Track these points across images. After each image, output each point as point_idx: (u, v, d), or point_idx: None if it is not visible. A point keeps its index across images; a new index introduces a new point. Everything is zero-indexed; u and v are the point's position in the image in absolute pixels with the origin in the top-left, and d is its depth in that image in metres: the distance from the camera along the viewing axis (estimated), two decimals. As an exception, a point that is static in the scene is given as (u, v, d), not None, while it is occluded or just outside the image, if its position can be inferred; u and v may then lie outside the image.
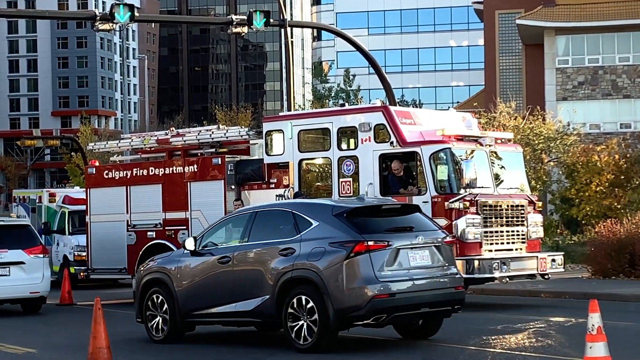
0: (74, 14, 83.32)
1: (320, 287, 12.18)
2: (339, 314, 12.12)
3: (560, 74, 50.89)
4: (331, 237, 12.32)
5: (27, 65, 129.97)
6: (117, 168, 22.78)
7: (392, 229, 12.57)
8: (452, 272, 12.93)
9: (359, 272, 12.03)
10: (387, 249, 12.21)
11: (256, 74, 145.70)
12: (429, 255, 12.65)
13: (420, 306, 12.53)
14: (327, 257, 12.23)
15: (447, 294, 12.77)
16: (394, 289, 12.13)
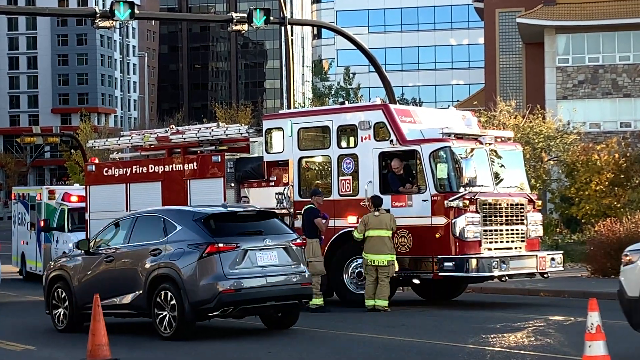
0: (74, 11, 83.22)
1: (179, 283, 13.95)
2: (193, 306, 13.90)
3: (560, 73, 50.87)
4: (190, 239, 14.11)
5: (27, 63, 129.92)
6: (116, 165, 22.77)
7: (243, 233, 14.33)
8: (300, 270, 14.59)
9: (210, 270, 13.82)
10: (236, 250, 13.95)
11: (256, 71, 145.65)
12: (277, 256, 14.36)
13: (267, 300, 14.26)
14: (185, 257, 14.00)
15: (293, 290, 14.43)
16: (241, 285, 13.84)
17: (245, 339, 14.72)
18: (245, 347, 13.78)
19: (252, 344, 14.11)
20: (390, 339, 13.99)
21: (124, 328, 16.22)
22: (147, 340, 14.84)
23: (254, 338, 14.77)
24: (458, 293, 20.16)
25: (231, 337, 14.88)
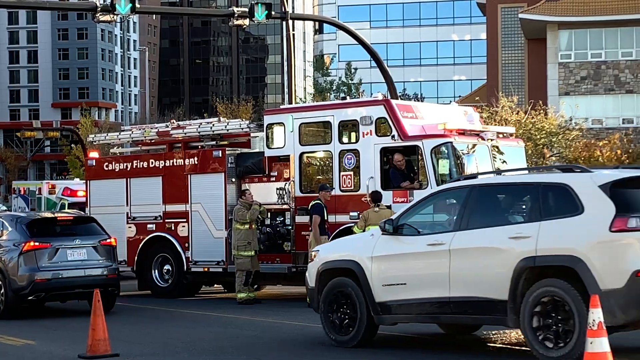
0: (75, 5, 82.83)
1: (5, 273, 17.47)
2: (15, 292, 17.38)
3: (562, 69, 50.80)
4: (16, 239, 17.68)
5: (28, 57, 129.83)
6: (117, 160, 22.72)
7: (58, 234, 18.05)
8: (107, 264, 18.12)
9: (27, 264, 17.41)
10: (49, 248, 17.55)
11: (257, 66, 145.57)
12: (86, 253, 17.93)
13: (74, 287, 17.70)
14: (10, 253, 17.58)
15: (99, 279, 17.80)
16: (52, 275, 17.44)
17: (242, 332, 14.68)
18: (243, 341, 13.75)
19: (250, 339, 14.08)
20: (390, 335, 13.93)
21: (124, 323, 16.18)
22: (146, 335, 14.81)
23: (251, 332, 14.73)
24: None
25: (227, 337, 14.83)
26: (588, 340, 9.54)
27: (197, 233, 20.80)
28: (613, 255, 10.23)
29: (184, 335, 14.54)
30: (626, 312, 10.17)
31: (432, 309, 11.58)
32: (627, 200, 10.37)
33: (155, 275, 21.65)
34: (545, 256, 10.56)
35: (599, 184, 10.56)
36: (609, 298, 10.04)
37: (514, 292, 10.74)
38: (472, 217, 11.42)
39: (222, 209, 20.32)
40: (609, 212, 10.27)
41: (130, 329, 15.56)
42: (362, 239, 13.09)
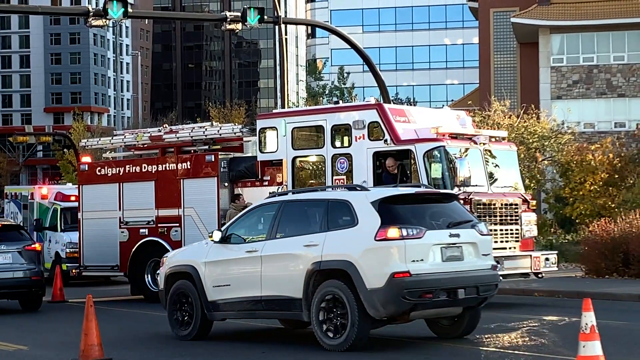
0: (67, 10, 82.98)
1: None
2: None
3: (554, 73, 50.87)
4: None
5: (20, 61, 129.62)
6: (109, 165, 22.70)
7: None
8: (31, 267, 19.70)
9: None
10: None
11: (250, 71, 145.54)
12: (11, 257, 19.59)
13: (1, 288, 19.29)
14: None
15: (24, 281, 19.58)
16: None
17: (239, 339, 14.67)
18: (237, 344, 13.74)
19: (244, 342, 14.06)
20: (386, 338, 13.92)
21: (117, 328, 16.15)
22: (139, 340, 14.79)
23: (246, 336, 14.71)
24: (452, 293, 20.08)
25: (225, 338, 14.81)
26: (581, 343, 9.57)
27: (190, 237, 20.76)
28: (376, 260, 12.08)
29: (176, 340, 14.51)
30: (386, 307, 12.06)
31: (249, 307, 13.37)
32: (390, 214, 12.31)
33: (148, 279, 21.63)
34: (328, 261, 12.51)
35: (370, 200, 12.50)
36: (373, 295, 12.01)
37: (307, 291, 12.67)
38: (280, 228, 13.34)
39: (215, 213, 20.32)
40: (376, 224, 12.17)
41: (123, 334, 15.53)
42: (199, 247, 14.89)
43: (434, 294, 12.09)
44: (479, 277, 12.70)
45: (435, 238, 12.30)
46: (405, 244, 12.03)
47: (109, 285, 27.54)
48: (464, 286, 12.36)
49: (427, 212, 12.63)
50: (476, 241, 12.79)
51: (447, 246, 12.40)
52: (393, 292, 11.89)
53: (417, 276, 11.99)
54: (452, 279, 12.31)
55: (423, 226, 12.22)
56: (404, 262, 11.98)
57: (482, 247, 12.88)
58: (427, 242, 12.19)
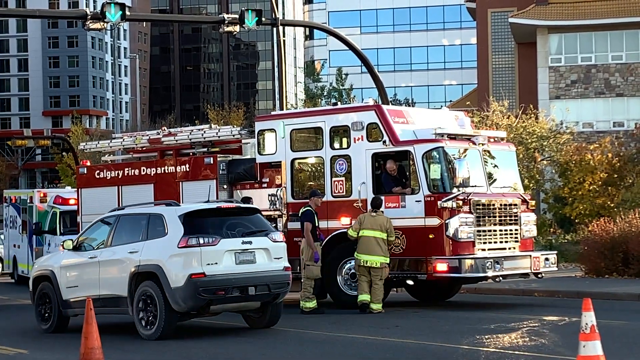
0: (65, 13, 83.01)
1: None
2: None
3: (553, 73, 50.88)
4: None
5: (18, 65, 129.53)
6: (108, 168, 22.69)
7: None
8: None
9: None
10: None
11: (248, 73, 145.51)
12: None
13: None
14: None
15: None
16: None
17: (236, 339, 14.66)
18: (236, 348, 13.73)
19: (242, 345, 14.05)
20: (385, 340, 13.94)
21: (116, 330, 16.14)
22: (139, 342, 14.77)
23: (245, 339, 14.71)
24: (452, 294, 20.10)
25: (224, 338, 14.81)
26: (581, 343, 9.57)
27: (189, 240, 20.76)
28: (179, 263, 14.50)
29: (178, 343, 14.51)
30: (186, 302, 14.49)
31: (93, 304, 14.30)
32: (192, 225, 14.72)
33: (147, 282, 21.61)
34: (144, 265, 14.88)
35: (178, 214, 14.94)
36: (175, 293, 14.43)
37: (130, 290, 15.06)
38: (115, 237, 15.73)
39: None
40: (180, 234, 14.59)
41: (122, 337, 15.51)
42: (58, 254, 17.36)
43: (227, 291, 14.50)
44: (270, 277, 15.02)
45: (229, 245, 14.68)
46: (201, 250, 14.45)
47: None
48: (255, 284, 14.73)
49: (225, 224, 15.08)
50: (268, 247, 15.14)
51: (240, 251, 14.76)
52: (190, 290, 14.35)
53: (212, 276, 14.42)
54: (244, 279, 14.65)
55: (219, 235, 14.64)
56: (200, 265, 14.42)
57: (274, 252, 15.22)
58: (221, 248, 14.57)
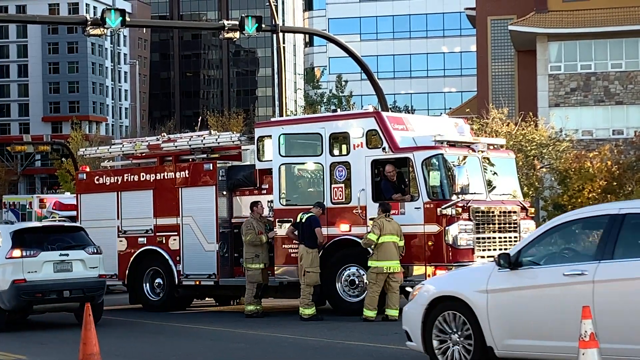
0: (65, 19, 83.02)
1: None
2: None
3: (552, 80, 50.92)
4: None
5: (18, 71, 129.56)
6: (108, 174, 22.68)
7: None
8: None
9: None
10: None
11: (248, 79, 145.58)
12: None
13: None
14: None
15: None
16: None
17: (235, 345, 14.64)
18: (235, 355, 13.71)
19: (241, 352, 14.04)
20: (384, 347, 13.92)
21: (115, 337, 16.12)
22: (138, 349, 14.76)
23: (243, 345, 14.69)
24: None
25: (222, 344, 14.80)
26: (580, 351, 9.54)
27: (188, 246, 20.77)
28: (6, 271, 17.62)
29: (176, 348, 14.50)
30: (10, 303, 17.56)
31: None
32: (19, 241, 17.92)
33: (146, 288, 21.61)
34: None
35: (9, 231, 18.11)
36: (2, 295, 17.55)
37: None
38: None
39: (214, 222, 20.30)
40: (8, 247, 17.71)
41: (121, 343, 15.50)
42: None
43: (44, 294, 17.76)
44: (85, 282, 18.22)
45: (48, 257, 17.92)
46: (23, 261, 17.64)
47: (107, 294, 27.41)
48: (70, 289, 17.98)
49: (48, 239, 18.34)
50: (84, 258, 18.39)
51: (58, 262, 18.03)
52: (13, 293, 17.52)
53: (32, 282, 17.64)
54: (60, 284, 17.90)
55: (40, 249, 17.88)
56: (22, 272, 17.62)
57: (89, 262, 18.48)
58: (40, 259, 17.82)
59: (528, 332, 10.06)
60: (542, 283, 10.03)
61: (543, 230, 10.49)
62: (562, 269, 9.91)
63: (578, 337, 8.92)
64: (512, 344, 10.18)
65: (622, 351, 9.45)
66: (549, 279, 9.98)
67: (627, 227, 9.72)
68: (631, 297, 9.40)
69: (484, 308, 10.24)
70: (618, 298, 9.51)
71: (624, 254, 9.61)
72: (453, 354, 10.51)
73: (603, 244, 9.76)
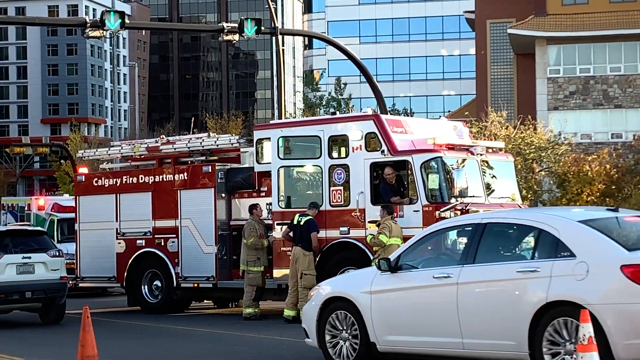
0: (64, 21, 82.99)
1: None
2: None
3: (551, 84, 50.96)
4: None
5: (17, 72, 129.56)
6: (106, 176, 22.67)
7: None
8: None
9: None
10: None
11: (247, 82, 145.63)
12: None
13: None
14: None
15: None
16: None
17: (232, 347, 14.63)
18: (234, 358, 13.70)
19: (237, 355, 14.03)
20: (382, 350, 13.88)
21: (113, 339, 16.11)
22: (136, 351, 14.75)
23: (240, 347, 14.68)
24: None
25: (219, 345, 14.78)
26: (579, 354, 9.54)
27: (186, 249, 20.75)
28: None
29: (174, 351, 14.48)
30: None
31: None
32: None
33: (145, 291, 21.59)
34: None
35: None
36: None
37: None
38: None
39: (212, 224, 20.29)
40: None
41: (120, 345, 15.49)
42: None
43: (7, 295, 18.51)
44: (46, 284, 18.94)
45: (11, 259, 18.66)
46: None
47: (105, 296, 27.49)
48: (32, 290, 18.72)
49: (12, 243, 19.03)
50: (46, 261, 19.02)
51: (21, 264, 18.75)
52: None
53: None
54: (23, 286, 18.66)
55: (3, 252, 18.57)
56: None
57: (51, 265, 19.05)
58: (3, 262, 18.55)
59: (405, 328, 11.05)
60: (416, 285, 11.04)
61: (419, 237, 11.52)
62: (433, 272, 10.90)
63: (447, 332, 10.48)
64: (392, 339, 11.14)
65: (482, 345, 10.39)
66: (422, 281, 10.97)
67: (488, 235, 10.76)
68: (487, 296, 10.39)
69: (368, 307, 11.20)
70: (477, 298, 10.46)
71: (484, 258, 10.61)
72: (342, 349, 11.45)
73: (467, 250, 10.80)
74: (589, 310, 9.34)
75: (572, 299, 9.72)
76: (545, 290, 9.89)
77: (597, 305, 9.59)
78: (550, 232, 10.19)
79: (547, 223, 10.32)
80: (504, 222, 11.08)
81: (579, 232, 10.13)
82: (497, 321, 10.28)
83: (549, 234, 10.19)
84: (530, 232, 10.50)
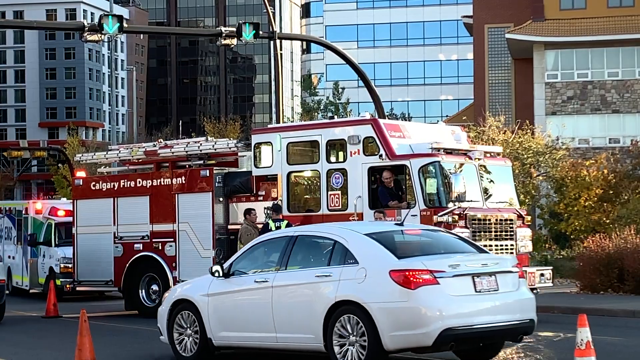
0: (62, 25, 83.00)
1: None
2: None
3: (549, 89, 50.99)
4: None
5: (15, 76, 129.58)
6: (104, 179, 22.66)
7: None
8: None
9: None
10: None
11: (245, 86, 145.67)
12: None
13: None
14: None
15: None
16: None
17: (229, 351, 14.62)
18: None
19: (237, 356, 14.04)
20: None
21: (110, 343, 16.08)
22: (133, 355, 14.72)
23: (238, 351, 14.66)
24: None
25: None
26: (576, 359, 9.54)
27: (184, 253, 20.74)
28: None
29: (172, 355, 14.45)
30: None
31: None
32: None
33: (142, 295, 21.58)
34: None
35: None
36: None
37: None
38: None
39: (210, 228, 20.29)
40: None
41: (117, 349, 15.46)
42: None
43: None
44: None
45: None
46: None
47: (103, 300, 27.45)
48: None
49: None
50: None
51: None
52: None
53: None
54: None
55: None
56: None
57: None
58: None
59: (234, 326, 12.83)
60: (242, 288, 12.83)
61: (249, 247, 13.38)
62: (255, 277, 12.76)
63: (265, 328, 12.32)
64: (224, 335, 12.94)
65: (290, 339, 12.20)
66: (247, 285, 12.78)
67: (298, 245, 12.64)
68: (294, 297, 12.19)
69: (206, 308, 13.01)
70: (287, 299, 12.27)
71: (293, 265, 12.50)
72: (186, 344, 13.23)
73: (281, 258, 12.67)
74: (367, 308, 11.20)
75: (354, 299, 11.44)
76: (334, 292, 11.64)
77: (371, 304, 11.25)
78: (342, 242, 12.00)
79: (340, 235, 12.16)
80: (310, 235, 12.90)
81: (363, 242, 11.90)
82: (301, 318, 12.03)
83: (341, 244, 11.99)
84: (328, 243, 12.25)
